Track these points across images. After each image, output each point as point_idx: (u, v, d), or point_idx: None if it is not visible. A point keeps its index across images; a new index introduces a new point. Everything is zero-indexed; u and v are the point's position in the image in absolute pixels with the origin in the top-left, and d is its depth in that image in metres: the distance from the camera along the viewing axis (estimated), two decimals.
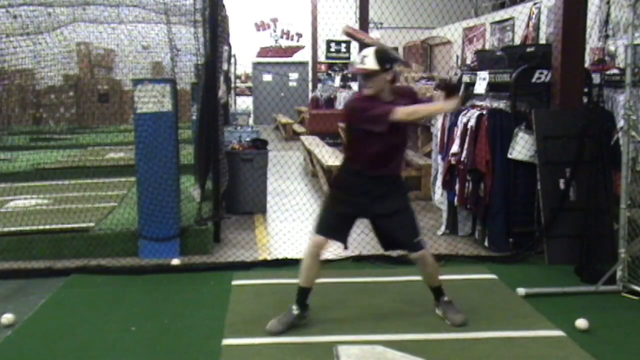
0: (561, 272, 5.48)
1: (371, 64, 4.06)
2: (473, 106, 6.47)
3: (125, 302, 4.89)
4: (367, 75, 4.10)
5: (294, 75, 23.66)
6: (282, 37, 23.87)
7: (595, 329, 4.25)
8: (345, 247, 4.49)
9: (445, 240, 6.56)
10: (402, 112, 4.04)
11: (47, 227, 6.17)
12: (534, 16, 12.64)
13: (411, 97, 4.32)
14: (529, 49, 6.63)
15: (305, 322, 4.34)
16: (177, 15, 8.52)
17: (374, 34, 17.89)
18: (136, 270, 5.57)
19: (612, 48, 7.51)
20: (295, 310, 4.29)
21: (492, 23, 15.01)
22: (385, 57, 4.12)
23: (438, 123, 7.00)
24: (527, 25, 12.78)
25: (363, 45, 4.42)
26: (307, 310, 4.35)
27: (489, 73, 6.44)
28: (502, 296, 4.95)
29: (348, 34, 4.84)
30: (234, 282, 5.25)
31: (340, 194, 4.36)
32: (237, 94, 21.23)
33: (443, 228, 6.84)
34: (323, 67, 23.21)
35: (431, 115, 4.27)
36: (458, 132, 6.32)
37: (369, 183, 4.23)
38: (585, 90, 6.06)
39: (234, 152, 7.99)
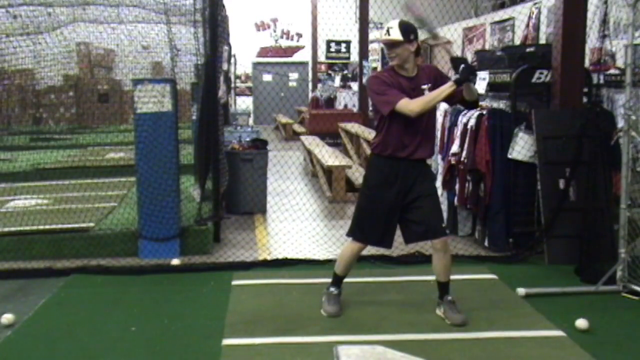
0: (561, 272, 5.48)
1: (395, 34, 4.20)
2: None
3: (125, 302, 4.89)
4: (392, 45, 4.22)
5: (294, 75, 23.66)
6: (282, 37, 23.87)
7: (595, 329, 4.25)
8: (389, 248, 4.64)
9: None
10: (410, 107, 4.15)
11: (47, 227, 6.16)
12: (534, 16, 12.64)
13: (434, 75, 4.37)
14: (529, 49, 6.63)
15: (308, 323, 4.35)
16: (177, 15, 8.51)
17: (374, 34, 17.90)
18: (136, 270, 5.57)
19: (609, 47, 7.50)
20: (334, 290, 4.60)
21: (492, 23, 15.01)
22: (409, 28, 4.24)
23: (438, 123, 7.00)
24: (527, 25, 12.78)
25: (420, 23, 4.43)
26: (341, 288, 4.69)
27: (489, 73, 6.44)
28: (502, 296, 4.95)
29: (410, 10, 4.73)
30: (234, 282, 5.25)
31: (374, 189, 4.39)
32: (237, 94, 21.23)
33: None
34: (323, 67, 23.21)
35: (439, 100, 4.33)
36: (458, 132, 6.33)
37: (401, 166, 4.30)
38: (585, 90, 6.06)
39: (234, 152, 7.99)
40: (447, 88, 4.19)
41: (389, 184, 4.32)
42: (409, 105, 4.15)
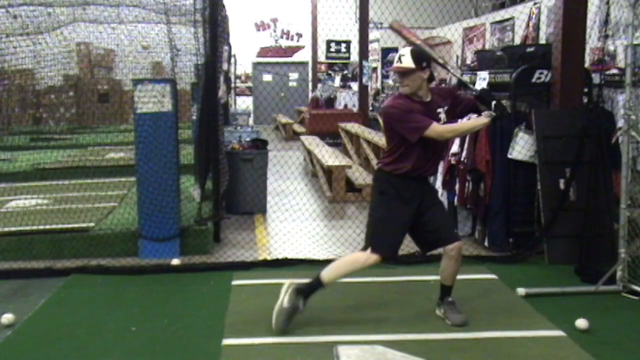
0: (561, 272, 5.48)
1: (407, 62, 4.12)
2: None
3: (125, 302, 4.89)
4: (404, 73, 4.15)
5: (294, 75, 23.66)
6: (282, 37, 23.86)
7: (595, 329, 4.25)
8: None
9: None
10: (440, 130, 4.12)
11: (47, 227, 6.16)
12: (534, 16, 12.63)
13: (452, 98, 4.34)
14: (529, 49, 6.63)
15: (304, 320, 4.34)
16: (177, 15, 8.51)
17: (374, 34, 17.89)
18: (136, 270, 5.57)
19: (611, 48, 7.51)
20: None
21: (492, 23, 14.99)
22: (421, 55, 4.18)
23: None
24: (527, 25, 12.77)
25: (410, 43, 4.41)
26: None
27: (489, 73, 6.45)
28: (502, 296, 4.95)
29: (395, 30, 4.71)
30: (234, 282, 5.25)
31: (392, 200, 4.29)
32: (237, 94, 21.22)
33: None
34: (323, 67, 23.20)
35: (470, 132, 4.36)
36: None
37: (412, 184, 4.26)
38: (585, 90, 6.06)
39: (234, 152, 7.99)
40: (482, 124, 4.27)
41: (400, 199, 4.26)
42: (438, 130, 4.10)
